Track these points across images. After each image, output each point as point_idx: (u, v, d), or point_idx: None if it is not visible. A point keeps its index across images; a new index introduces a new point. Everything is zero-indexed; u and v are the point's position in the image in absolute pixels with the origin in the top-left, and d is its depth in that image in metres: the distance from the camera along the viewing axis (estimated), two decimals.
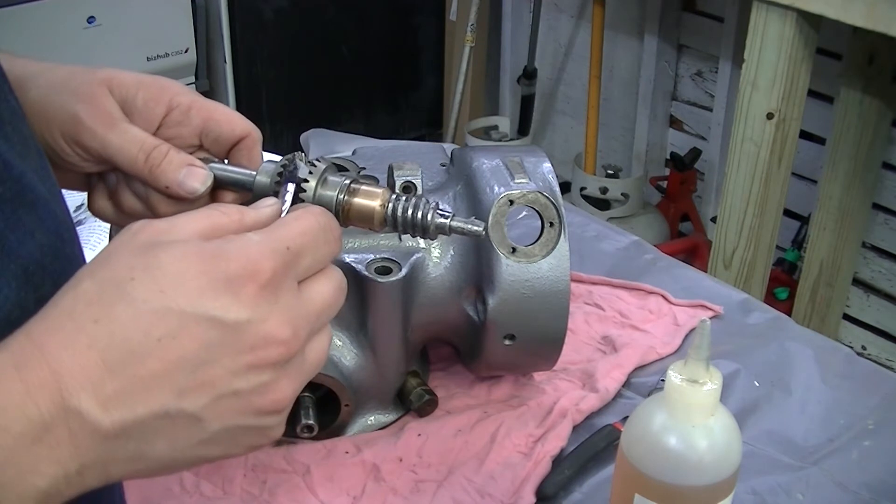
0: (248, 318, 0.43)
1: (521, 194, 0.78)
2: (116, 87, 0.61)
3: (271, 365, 0.44)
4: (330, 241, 0.48)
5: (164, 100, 0.62)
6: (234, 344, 0.43)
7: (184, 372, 0.42)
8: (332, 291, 0.48)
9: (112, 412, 0.41)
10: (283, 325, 0.44)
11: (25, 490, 0.40)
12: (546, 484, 0.77)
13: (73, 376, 0.40)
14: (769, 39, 1.64)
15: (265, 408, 0.45)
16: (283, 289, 0.45)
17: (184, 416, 0.42)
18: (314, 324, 0.46)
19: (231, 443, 0.45)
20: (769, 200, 1.76)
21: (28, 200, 0.46)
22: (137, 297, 0.42)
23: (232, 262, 0.43)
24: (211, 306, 0.42)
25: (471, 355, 0.85)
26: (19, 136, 0.48)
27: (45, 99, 0.60)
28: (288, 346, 0.44)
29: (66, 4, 2.14)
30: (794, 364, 0.93)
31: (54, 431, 0.40)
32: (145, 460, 0.43)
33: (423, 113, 2.95)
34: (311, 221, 0.48)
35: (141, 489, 0.75)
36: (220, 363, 0.42)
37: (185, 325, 0.42)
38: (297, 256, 0.46)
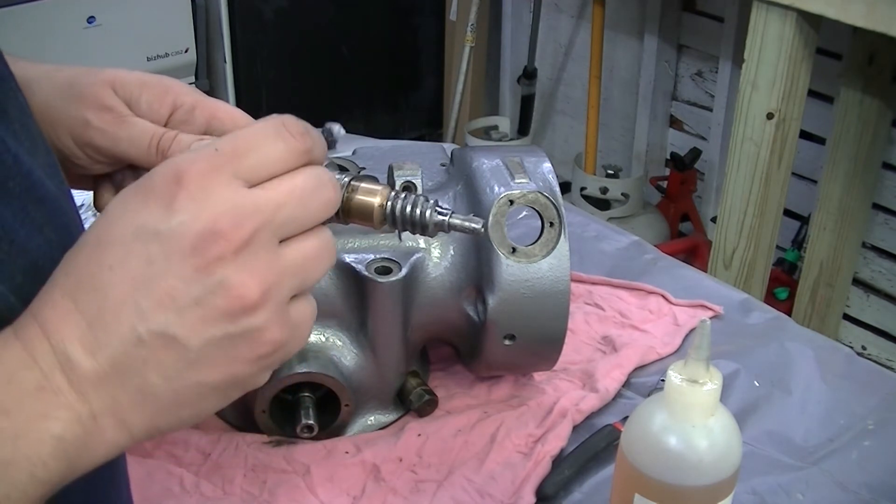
0: (179, 219, 0.42)
1: (521, 194, 0.78)
2: (120, 88, 0.61)
3: (216, 259, 0.42)
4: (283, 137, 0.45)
5: (167, 100, 0.62)
6: (175, 250, 0.42)
7: (139, 292, 0.42)
8: (297, 185, 0.45)
9: (95, 354, 0.42)
10: (221, 217, 0.42)
11: (40, 435, 0.41)
12: (546, 484, 0.77)
13: (56, 327, 0.42)
14: (769, 39, 1.64)
15: (233, 307, 0.43)
16: (216, 185, 0.43)
17: (157, 338, 0.42)
18: (269, 216, 0.43)
19: (225, 359, 0.44)
20: (769, 200, 1.76)
21: (37, 196, 0.47)
22: (90, 239, 0.44)
23: (157, 175, 0.43)
24: (144, 221, 0.42)
25: (471, 355, 0.85)
26: (28, 133, 0.49)
27: (50, 103, 0.60)
28: (230, 238, 0.42)
29: (66, 4, 2.14)
30: (794, 364, 0.93)
31: (53, 380, 0.42)
32: (151, 399, 0.43)
33: (423, 113, 2.95)
34: (253, 125, 0.46)
35: (141, 489, 0.75)
36: (170, 273, 0.42)
37: (128, 247, 0.42)
38: (232, 157, 0.44)
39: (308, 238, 0.46)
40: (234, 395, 0.46)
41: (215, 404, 0.46)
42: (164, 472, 0.77)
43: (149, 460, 0.78)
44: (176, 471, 0.77)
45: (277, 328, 0.45)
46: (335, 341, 0.80)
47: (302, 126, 0.46)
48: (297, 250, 0.45)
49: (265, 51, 2.53)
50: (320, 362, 0.78)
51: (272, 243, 0.44)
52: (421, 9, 2.80)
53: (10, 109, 0.48)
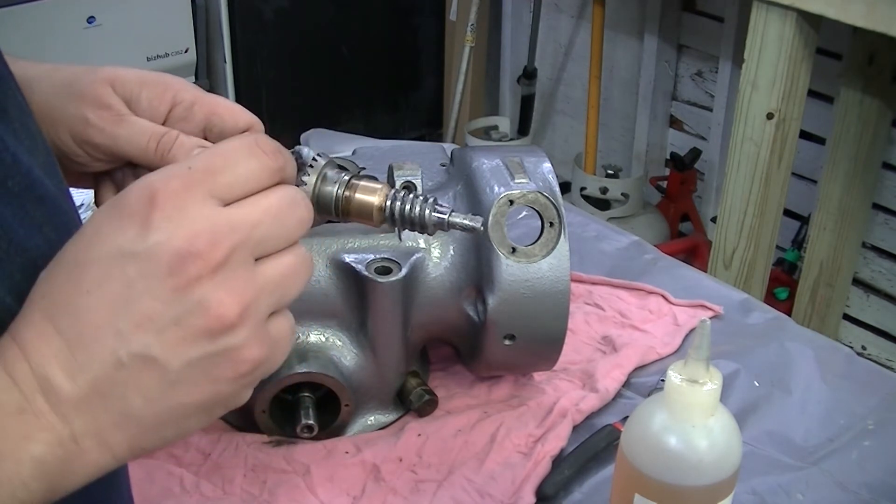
0: (155, 240, 0.42)
1: (521, 194, 0.78)
2: (119, 86, 0.61)
3: (195, 279, 0.42)
4: (256, 155, 0.45)
5: (167, 97, 0.62)
6: (152, 272, 0.42)
7: (118, 315, 0.42)
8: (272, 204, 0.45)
9: (75, 377, 0.42)
10: (197, 237, 0.42)
11: (21, 456, 0.41)
12: (546, 484, 0.77)
13: (36, 350, 0.42)
14: (769, 39, 1.64)
15: (212, 327, 0.43)
16: (191, 205, 0.43)
17: (137, 360, 0.42)
18: (246, 235, 0.43)
19: (206, 379, 0.44)
20: (769, 200, 1.76)
21: (36, 195, 0.47)
22: (67, 258, 0.43)
23: (132, 194, 0.43)
24: (120, 243, 0.42)
25: (471, 355, 0.85)
26: (27, 132, 0.49)
27: (50, 102, 0.60)
28: (207, 258, 0.42)
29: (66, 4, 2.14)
30: (794, 364, 0.93)
31: (34, 402, 0.42)
32: (133, 421, 0.43)
33: (423, 113, 2.95)
34: (226, 142, 0.46)
35: (141, 489, 0.75)
36: (148, 295, 0.42)
37: (105, 269, 0.42)
38: (206, 174, 0.44)
39: (284, 255, 0.46)
40: (217, 413, 0.46)
41: (198, 423, 0.46)
42: (164, 472, 0.77)
43: (149, 460, 0.78)
44: (176, 471, 0.77)
45: (257, 346, 0.44)
46: (335, 341, 0.80)
47: (275, 144, 0.47)
48: (274, 268, 0.45)
49: (265, 51, 2.52)
50: (320, 362, 0.78)
51: (249, 262, 0.44)
52: (421, 9, 2.80)
53: (9, 108, 0.48)
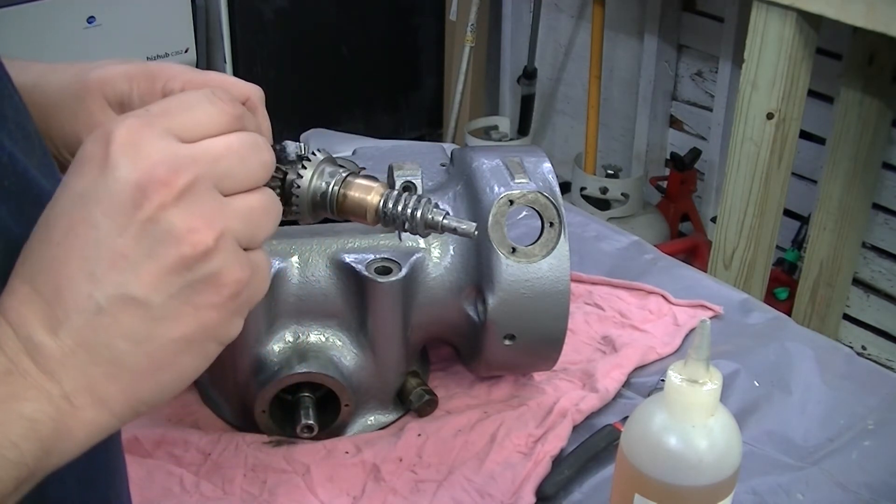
0: (114, 176, 0.41)
1: (521, 194, 0.78)
2: (110, 90, 0.62)
3: (159, 208, 0.41)
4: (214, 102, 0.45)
5: (156, 90, 0.62)
6: (115, 208, 0.41)
7: (89, 260, 0.41)
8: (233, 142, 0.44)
9: (57, 332, 0.41)
10: (156, 166, 0.41)
11: (9, 416, 0.40)
12: (546, 484, 0.77)
13: (15, 311, 0.42)
14: (769, 39, 1.64)
15: (186, 254, 0.42)
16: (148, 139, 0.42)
17: (116, 302, 0.41)
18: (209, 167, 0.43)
19: (191, 309, 0.43)
20: (769, 200, 1.76)
21: (33, 195, 0.47)
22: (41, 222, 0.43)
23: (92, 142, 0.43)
24: (82, 187, 0.42)
25: (471, 355, 0.85)
26: (23, 132, 0.49)
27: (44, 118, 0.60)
28: (169, 184, 0.41)
29: (66, 4, 2.14)
30: (794, 364, 0.93)
31: (20, 364, 0.41)
32: (125, 368, 0.42)
33: (423, 113, 2.95)
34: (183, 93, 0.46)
35: (141, 489, 0.75)
36: (115, 234, 0.41)
37: (70, 217, 0.42)
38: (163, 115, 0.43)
39: (251, 194, 0.45)
40: (211, 348, 0.45)
41: (194, 362, 0.44)
42: (164, 472, 0.77)
43: (149, 460, 0.78)
44: (176, 471, 0.77)
45: (237, 267, 0.43)
46: (335, 341, 0.80)
47: (232, 97, 0.46)
48: (243, 201, 0.44)
49: (265, 51, 2.52)
50: (320, 362, 0.78)
51: (214, 192, 0.43)
52: (421, 9, 2.80)
53: (5, 109, 0.48)
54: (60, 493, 0.48)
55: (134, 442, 0.79)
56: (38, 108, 0.60)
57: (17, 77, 0.52)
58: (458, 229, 0.55)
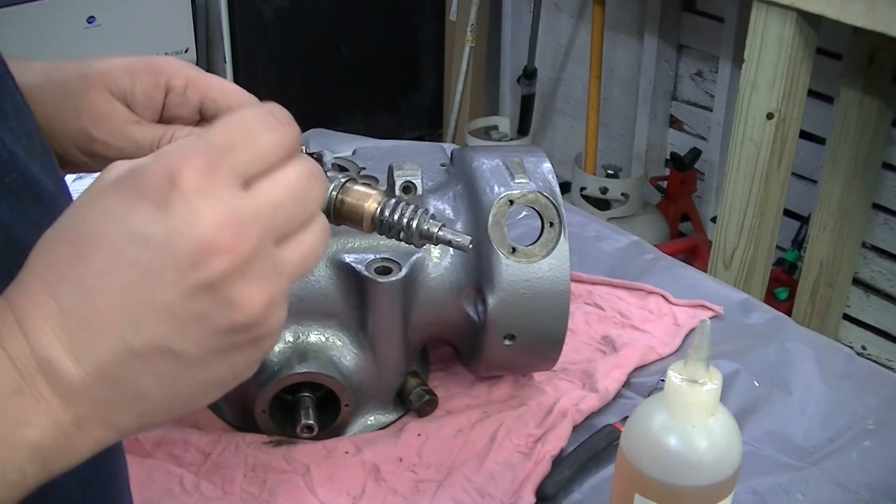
0: (175, 227, 0.38)
1: (521, 194, 0.78)
2: (113, 85, 0.62)
3: (222, 277, 0.39)
4: (276, 128, 0.42)
5: (160, 85, 0.62)
6: (171, 262, 0.38)
7: (131, 303, 0.39)
8: (291, 180, 0.42)
9: (81, 360, 0.39)
10: (222, 228, 0.38)
11: (16, 441, 0.39)
12: (546, 484, 0.77)
13: (36, 325, 0.39)
14: (769, 39, 1.64)
15: (238, 322, 0.40)
16: (215, 188, 0.39)
17: (152, 349, 0.39)
18: (271, 220, 0.41)
19: (227, 363, 0.42)
20: (769, 200, 1.76)
21: (34, 192, 0.47)
22: (76, 232, 0.40)
23: (149, 173, 0.39)
24: (135, 224, 0.39)
25: (471, 355, 0.85)
26: (24, 129, 0.49)
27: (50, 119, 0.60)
28: (234, 252, 0.39)
29: (66, 4, 2.14)
30: (794, 364, 0.93)
31: (34, 383, 0.39)
32: (144, 402, 0.41)
33: (423, 113, 2.95)
34: (243, 114, 0.42)
35: (141, 489, 0.74)
36: (165, 286, 0.39)
37: (117, 252, 0.39)
38: (228, 151, 0.40)
39: (304, 234, 0.43)
40: (229, 387, 0.44)
41: (211, 399, 0.44)
42: (164, 472, 0.77)
43: (149, 460, 0.78)
44: (176, 471, 0.77)
45: (279, 326, 0.43)
46: (335, 341, 0.80)
47: (287, 114, 0.44)
48: (296, 249, 0.43)
49: (265, 51, 2.52)
50: (320, 362, 0.78)
51: (273, 248, 0.41)
52: (421, 9, 2.80)
53: (6, 107, 0.48)
54: (61, 493, 0.48)
55: (134, 442, 0.79)
56: (43, 105, 0.60)
57: (20, 76, 0.53)
58: (453, 241, 0.56)
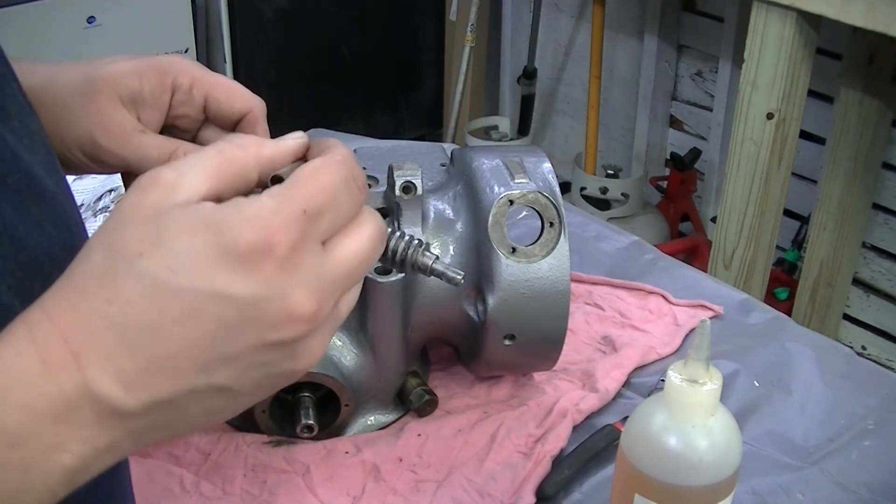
0: (266, 295, 0.41)
1: (521, 194, 0.78)
2: (121, 87, 0.62)
3: (297, 339, 0.42)
4: (353, 191, 0.44)
5: (166, 85, 0.63)
6: (254, 322, 0.41)
7: (205, 351, 0.41)
8: (366, 245, 0.45)
9: (136, 393, 0.40)
10: (307, 299, 0.42)
11: (51, 467, 0.39)
12: (546, 484, 0.77)
13: (92, 358, 0.40)
14: (769, 39, 1.64)
15: (297, 369, 0.44)
16: (304, 257, 0.42)
17: (212, 389, 0.42)
18: (344, 286, 0.44)
19: (262, 393, 0.45)
20: (769, 200, 1.76)
21: (36, 192, 0.47)
22: (148, 275, 0.40)
23: (245, 234, 0.40)
24: (225, 284, 0.40)
25: (471, 355, 0.85)
26: (27, 130, 0.49)
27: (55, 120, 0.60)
28: (313, 321, 0.42)
29: (66, 4, 2.14)
30: (794, 364, 0.93)
31: (79, 412, 0.40)
32: (182, 426, 0.44)
33: (423, 113, 2.95)
34: (329, 175, 0.44)
35: (141, 489, 0.74)
36: (242, 341, 0.41)
37: (200, 305, 0.40)
38: (317, 219, 0.42)
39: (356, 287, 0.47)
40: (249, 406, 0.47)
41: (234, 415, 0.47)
42: (164, 472, 0.77)
43: (149, 460, 0.78)
44: (176, 471, 0.77)
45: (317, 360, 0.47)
46: (335, 341, 0.80)
47: (362, 173, 0.46)
48: (347, 302, 0.46)
49: (265, 51, 2.53)
50: (320, 362, 0.78)
51: (338, 307, 0.45)
52: (421, 9, 2.80)
53: (8, 106, 0.48)
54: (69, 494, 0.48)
55: None
56: (48, 109, 0.60)
57: (24, 78, 0.53)
58: (446, 276, 0.58)
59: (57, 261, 0.45)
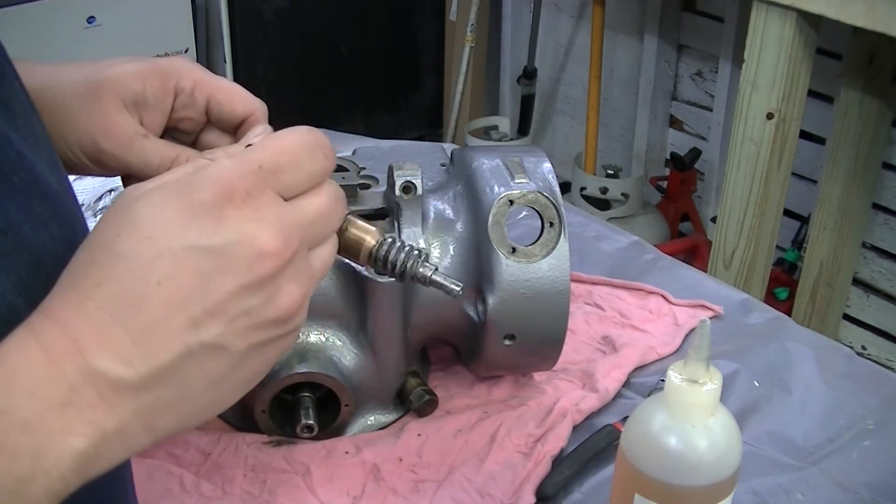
0: (234, 239, 0.44)
1: (521, 194, 0.78)
2: (124, 90, 0.62)
3: (270, 277, 0.44)
4: (317, 157, 0.48)
5: (169, 88, 0.63)
6: (229, 268, 0.43)
7: (191, 307, 0.43)
8: (323, 202, 0.48)
9: (136, 365, 0.42)
10: (272, 236, 0.44)
11: (61, 451, 0.40)
12: (546, 484, 0.77)
13: (89, 340, 0.41)
14: (769, 39, 1.64)
15: (280, 316, 0.45)
16: (264, 204, 0.45)
17: (206, 348, 0.43)
18: (308, 232, 0.47)
19: (263, 357, 0.46)
20: (769, 200, 1.76)
21: (41, 191, 0.47)
22: (127, 250, 0.43)
23: (205, 189, 0.44)
24: (196, 237, 0.43)
25: (471, 355, 0.85)
26: (31, 129, 0.49)
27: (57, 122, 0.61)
28: (281, 256, 0.45)
29: (66, 4, 2.14)
30: (794, 364, 0.93)
31: (83, 394, 0.41)
32: (189, 404, 0.44)
33: (423, 113, 2.95)
34: (289, 140, 0.48)
35: (141, 489, 0.74)
36: (223, 288, 0.43)
37: (178, 262, 0.43)
38: (274, 174, 0.46)
39: (327, 245, 0.50)
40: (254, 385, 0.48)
41: (238, 397, 0.48)
42: (164, 472, 0.77)
43: (149, 460, 0.78)
44: (176, 471, 0.77)
45: (301, 327, 0.48)
46: (335, 341, 0.80)
47: (327, 142, 0.49)
48: (320, 258, 0.49)
49: (265, 51, 2.53)
50: (320, 362, 0.78)
51: (307, 255, 0.48)
52: (421, 9, 2.80)
53: (13, 105, 0.48)
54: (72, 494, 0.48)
55: None
56: (50, 110, 0.60)
57: (25, 79, 0.53)
58: (444, 287, 0.59)
59: (61, 259, 0.45)
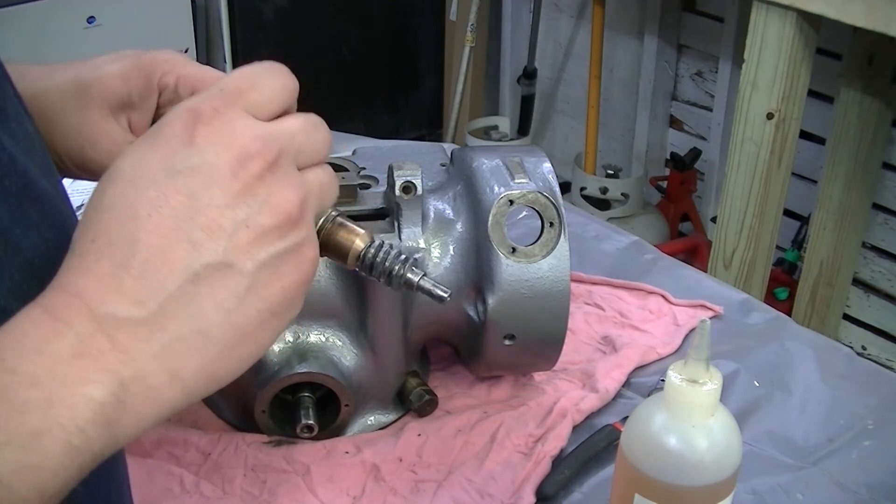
0: (212, 150, 0.44)
1: (521, 194, 0.78)
2: (110, 95, 0.62)
3: (257, 179, 0.44)
4: (276, 75, 0.48)
5: (152, 85, 0.63)
6: (214, 179, 0.43)
7: (187, 228, 0.42)
8: (299, 120, 0.48)
9: (145, 302, 0.41)
10: (251, 140, 0.44)
11: (75, 402, 0.39)
12: (546, 484, 0.77)
13: (93, 290, 0.41)
14: (769, 39, 1.64)
15: (278, 222, 0.44)
16: (234, 118, 0.45)
17: (212, 269, 0.43)
18: (288, 142, 0.46)
19: (277, 277, 0.45)
20: (769, 200, 1.76)
21: (33, 195, 0.47)
22: (113, 199, 0.43)
23: (174, 122, 0.44)
24: (172, 161, 0.43)
25: (471, 355, 0.85)
26: (24, 132, 0.49)
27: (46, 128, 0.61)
28: (262, 156, 0.44)
29: (66, 4, 2.14)
30: (794, 364, 0.93)
31: (93, 343, 0.40)
32: (210, 339, 0.43)
33: (423, 113, 2.95)
34: (247, 67, 0.48)
35: (141, 489, 0.74)
36: (213, 202, 0.43)
37: (162, 190, 0.43)
38: (238, 93, 0.46)
39: (318, 168, 0.48)
40: (283, 323, 0.46)
41: (270, 336, 0.46)
42: (164, 472, 0.77)
43: (149, 460, 0.78)
44: (176, 471, 0.77)
45: (312, 245, 0.47)
46: (335, 341, 0.80)
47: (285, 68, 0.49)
48: (315, 174, 0.48)
49: (265, 51, 2.52)
50: (320, 362, 0.78)
51: (294, 165, 0.46)
52: (421, 9, 2.80)
53: (6, 108, 0.48)
54: None
55: (134, 442, 0.78)
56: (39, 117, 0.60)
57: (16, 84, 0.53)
58: (433, 293, 0.58)
59: (53, 263, 0.45)
